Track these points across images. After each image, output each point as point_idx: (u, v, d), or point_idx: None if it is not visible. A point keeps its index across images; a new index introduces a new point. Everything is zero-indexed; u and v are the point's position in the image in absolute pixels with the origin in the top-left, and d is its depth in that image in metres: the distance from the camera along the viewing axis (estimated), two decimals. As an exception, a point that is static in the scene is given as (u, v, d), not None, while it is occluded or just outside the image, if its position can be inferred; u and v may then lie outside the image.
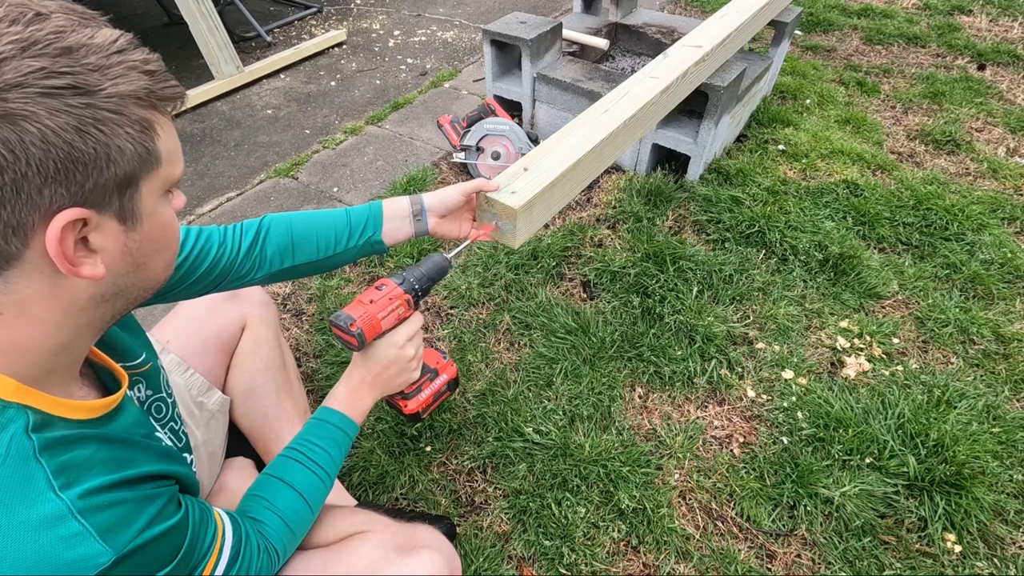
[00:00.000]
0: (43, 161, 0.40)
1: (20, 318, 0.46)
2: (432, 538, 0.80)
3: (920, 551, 1.10)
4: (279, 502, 0.72)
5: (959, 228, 1.77)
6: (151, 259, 0.51)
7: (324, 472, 0.77)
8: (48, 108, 0.39)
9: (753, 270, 1.64)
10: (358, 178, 2.15)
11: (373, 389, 0.83)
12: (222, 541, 0.60)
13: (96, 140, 0.42)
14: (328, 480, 0.77)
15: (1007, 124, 2.32)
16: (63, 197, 0.42)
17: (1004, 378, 1.39)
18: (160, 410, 0.73)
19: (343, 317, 0.76)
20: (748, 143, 2.16)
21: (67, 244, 0.43)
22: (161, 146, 0.47)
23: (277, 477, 0.74)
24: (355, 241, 0.89)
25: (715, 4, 3.38)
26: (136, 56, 0.44)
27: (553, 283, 1.66)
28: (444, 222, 0.94)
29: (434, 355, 0.96)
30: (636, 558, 1.11)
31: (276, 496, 0.72)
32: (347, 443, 0.81)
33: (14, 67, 0.38)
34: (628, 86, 1.38)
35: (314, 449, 0.77)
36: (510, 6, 3.60)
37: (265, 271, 0.85)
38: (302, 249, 0.87)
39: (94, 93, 0.41)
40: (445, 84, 2.75)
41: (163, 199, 0.51)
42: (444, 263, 0.85)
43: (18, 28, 0.39)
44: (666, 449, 1.27)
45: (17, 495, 0.44)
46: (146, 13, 3.49)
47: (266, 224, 0.85)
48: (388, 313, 0.79)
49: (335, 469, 0.79)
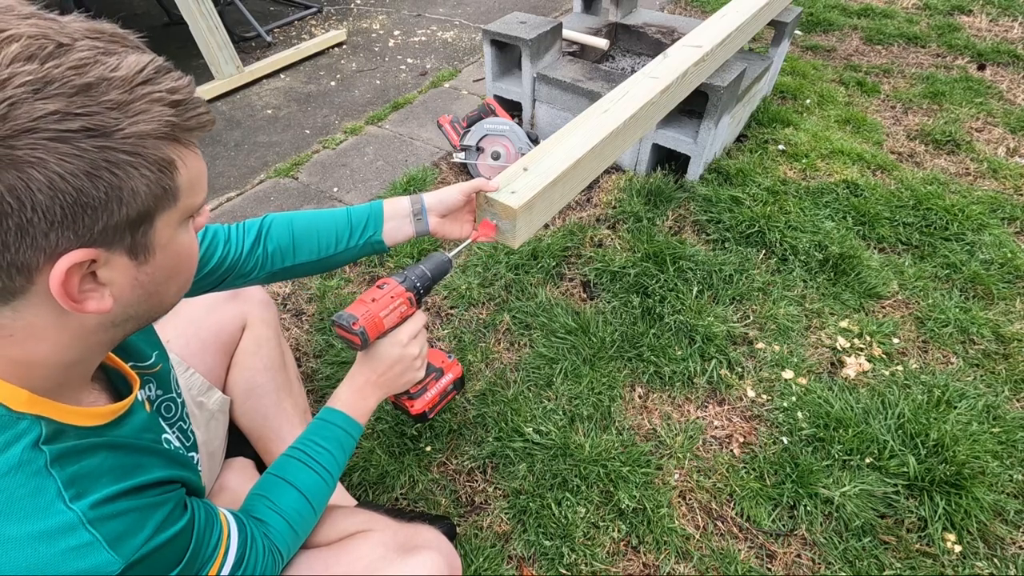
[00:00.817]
0: (49, 207, 0.38)
1: (31, 339, 0.46)
2: (433, 538, 0.80)
3: (920, 551, 1.10)
4: (282, 502, 0.72)
5: (959, 228, 1.77)
6: (164, 287, 0.50)
7: (327, 472, 0.77)
8: (58, 154, 0.37)
9: (753, 270, 1.64)
10: (358, 178, 2.15)
11: (378, 389, 0.83)
12: (227, 542, 0.60)
13: (108, 184, 0.40)
14: (331, 481, 0.77)
15: (1007, 124, 2.32)
16: (70, 240, 0.40)
17: (1004, 378, 1.39)
18: (170, 410, 0.73)
19: (345, 316, 0.76)
20: (748, 143, 2.15)
21: (71, 284, 0.42)
22: (182, 181, 0.45)
23: (280, 477, 0.74)
24: (356, 240, 0.89)
25: (715, 4, 3.38)
26: (163, 86, 0.42)
27: (553, 283, 1.66)
28: (445, 222, 0.94)
29: (439, 355, 0.95)
30: (636, 558, 1.11)
31: (279, 496, 0.72)
32: (351, 444, 0.81)
33: (26, 111, 0.36)
34: (628, 86, 1.38)
35: (317, 449, 0.77)
36: (510, 6, 3.60)
37: (267, 270, 0.85)
38: (303, 248, 0.87)
39: (110, 134, 0.39)
40: (445, 84, 2.75)
41: (182, 226, 0.49)
42: (445, 262, 0.86)
43: (34, 67, 0.36)
44: (666, 449, 1.27)
45: (28, 507, 0.44)
46: (146, 13, 3.48)
47: (267, 223, 0.85)
48: (390, 311, 0.79)
49: (338, 470, 0.79)
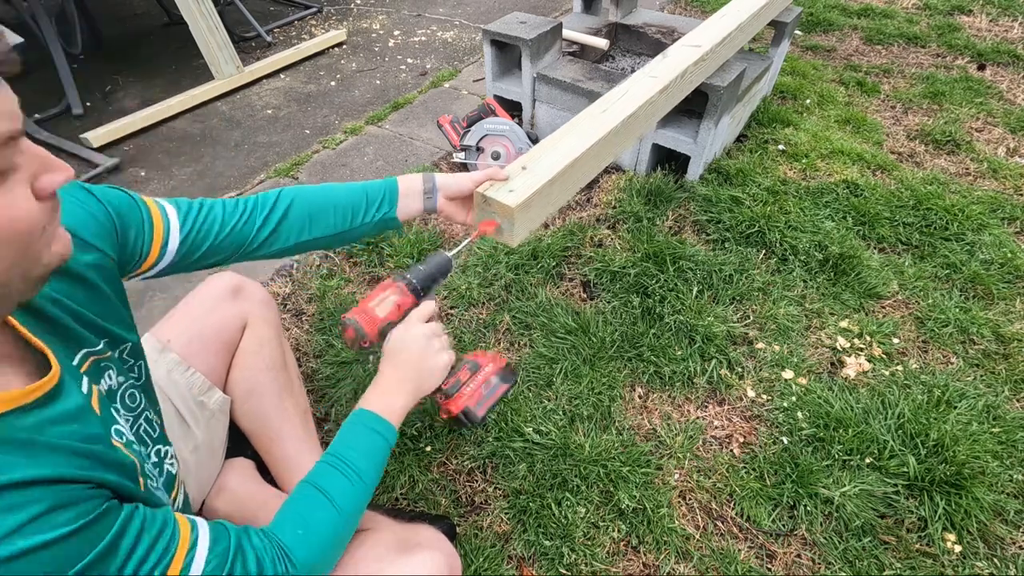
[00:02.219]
0: None
1: None
2: (432, 537, 0.80)
3: (920, 551, 1.10)
4: (292, 504, 0.69)
5: (959, 228, 1.77)
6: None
7: (347, 467, 0.72)
8: None
9: (753, 270, 1.64)
10: (358, 178, 2.15)
11: (404, 383, 0.79)
12: (190, 546, 0.55)
13: None
14: (353, 476, 0.72)
15: (1007, 124, 2.32)
16: None
17: (1004, 378, 1.39)
18: (134, 398, 0.68)
19: (342, 319, 0.79)
20: (748, 143, 2.15)
21: None
22: None
23: (304, 482, 0.71)
24: (371, 216, 0.90)
25: (715, 4, 3.38)
26: None
27: (553, 283, 1.65)
28: (452, 204, 0.97)
29: (476, 353, 0.92)
30: (636, 558, 1.11)
31: (291, 501, 0.69)
32: (378, 442, 0.75)
33: None
34: (627, 85, 1.38)
35: (341, 450, 0.73)
36: (510, 6, 3.60)
37: (281, 244, 0.85)
38: (319, 223, 0.87)
39: None
40: (445, 84, 2.75)
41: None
42: (445, 261, 0.86)
43: None
44: (666, 449, 1.27)
45: None
46: (146, 13, 3.48)
47: (285, 198, 0.85)
48: (379, 301, 0.80)
49: (365, 463, 0.73)
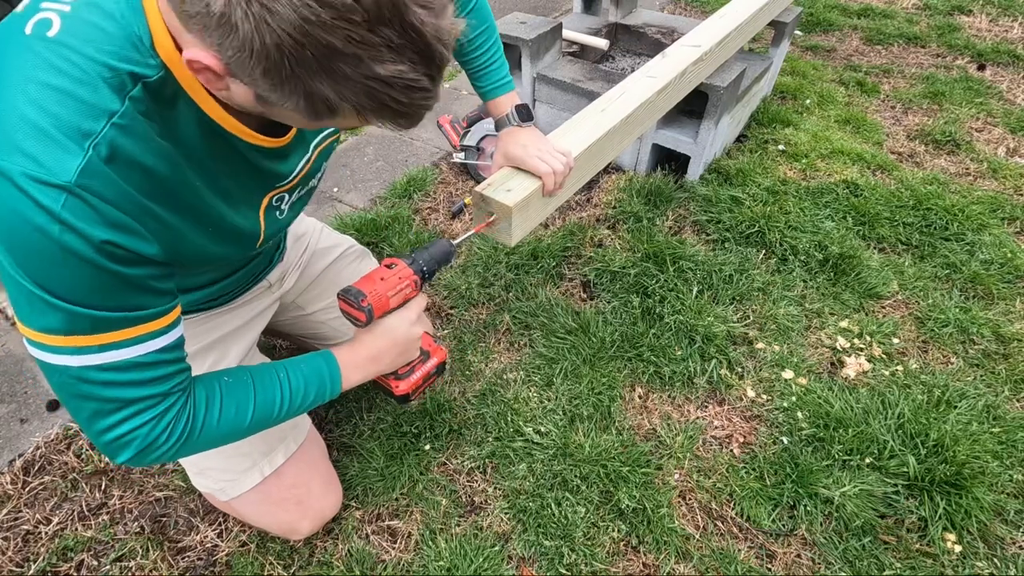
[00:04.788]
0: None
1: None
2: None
3: (920, 551, 1.10)
4: (232, 393, 0.69)
5: (959, 228, 1.77)
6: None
7: (288, 398, 0.72)
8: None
9: (753, 270, 1.64)
10: (358, 178, 2.15)
11: (375, 364, 0.81)
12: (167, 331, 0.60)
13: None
14: (285, 409, 0.72)
15: (1007, 124, 2.32)
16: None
17: (1004, 378, 1.39)
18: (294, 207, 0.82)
19: (353, 292, 0.76)
20: (748, 143, 2.15)
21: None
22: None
23: (251, 376, 0.71)
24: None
25: (715, 4, 3.38)
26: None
27: (553, 283, 1.65)
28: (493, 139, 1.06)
29: (426, 338, 0.94)
30: (636, 558, 1.11)
31: (234, 387, 0.69)
32: (323, 395, 0.76)
33: None
34: (626, 85, 1.38)
35: (295, 374, 0.73)
36: (510, 6, 3.60)
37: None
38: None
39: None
40: (445, 84, 2.75)
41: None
42: (450, 248, 0.87)
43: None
44: (666, 449, 1.27)
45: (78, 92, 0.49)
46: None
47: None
48: (397, 292, 0.80)
49: (300, 408, 0.74)
